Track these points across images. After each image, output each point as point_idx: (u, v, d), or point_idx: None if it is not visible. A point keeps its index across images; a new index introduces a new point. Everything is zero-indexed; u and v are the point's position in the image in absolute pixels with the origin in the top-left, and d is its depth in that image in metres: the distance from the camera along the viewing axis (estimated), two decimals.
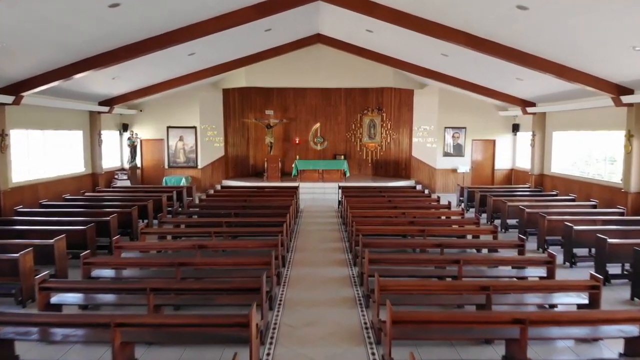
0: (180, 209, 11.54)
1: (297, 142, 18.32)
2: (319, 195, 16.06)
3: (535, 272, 6.40)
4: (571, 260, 8.11)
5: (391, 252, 7.62)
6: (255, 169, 18.41)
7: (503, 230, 10.72)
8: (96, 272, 6.30)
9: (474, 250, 7.95)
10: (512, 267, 6.85)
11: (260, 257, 6.06)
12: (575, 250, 8.18)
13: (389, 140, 18.15)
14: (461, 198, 13.88)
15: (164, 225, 8.87)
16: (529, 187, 14.53)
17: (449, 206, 10.62)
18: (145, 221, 10.62)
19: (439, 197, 11.66)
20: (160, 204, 11.27)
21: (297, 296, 6.48)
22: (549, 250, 6.26)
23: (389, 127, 18.07)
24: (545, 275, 6.29)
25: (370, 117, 18.23)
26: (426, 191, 14.57)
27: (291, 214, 9.89)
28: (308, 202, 15.19)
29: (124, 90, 14.35)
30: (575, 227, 8.08)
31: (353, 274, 7.49)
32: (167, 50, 10.92)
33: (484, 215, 12.09)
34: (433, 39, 10.47)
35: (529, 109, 14.68)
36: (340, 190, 13.53)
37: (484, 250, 7.89)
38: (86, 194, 12.51)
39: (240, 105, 18.02)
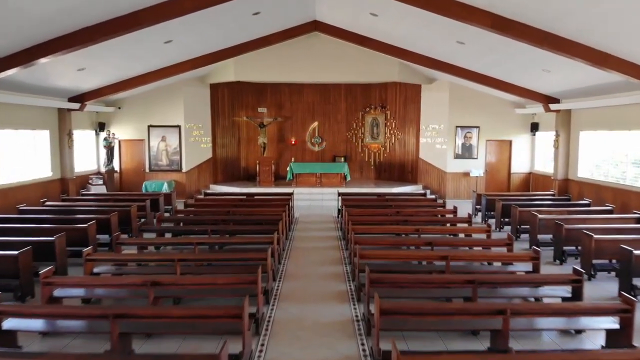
0: (154, 222, 9.91)
1: (292, 142, 16.80)
2: (316, 202, 14.39)
3: (602, 323, 4.75)
4: (630, 292, 6.47)
5: (405, 284, 5.97)
6: (247, 172, 16.85)
7: None
8: (10, 324, 4.63)
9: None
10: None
11: (230, 307, 4.38)
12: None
13: (393, 141, 16.56)
14: (478, 207, 12.21)
15: (121, 247, 7.18)
16: (553, 195, 12.85)
17: (469, 220, 8.95)
18: (110, 237, 8.95)
19: (455, 208, 9.98)
20: (129, 217, 9.58)
21: (282, 355, 4.81)
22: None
23: (393, 126, 16.47)
24: (617, 326, 4.65)
25: (373, 115, 16.67)
26: (439, 199, 12.90)
27: (281, 231, 8.24)
28: (304, 209, 13.52)
29: (95, 85, 12.67)
30: (635, 252, 6.45)
31: (356, 315, 5.85)
32: (140, 38, 9.36)
33: (507, 228, 10.48)
34: (448, 23, 8.88)
35: (552, 106, 12.98)
36: (340, 198, 11.88)
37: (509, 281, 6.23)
38: (47, 203, 10.80)
39: (229, 102, 16.42)
